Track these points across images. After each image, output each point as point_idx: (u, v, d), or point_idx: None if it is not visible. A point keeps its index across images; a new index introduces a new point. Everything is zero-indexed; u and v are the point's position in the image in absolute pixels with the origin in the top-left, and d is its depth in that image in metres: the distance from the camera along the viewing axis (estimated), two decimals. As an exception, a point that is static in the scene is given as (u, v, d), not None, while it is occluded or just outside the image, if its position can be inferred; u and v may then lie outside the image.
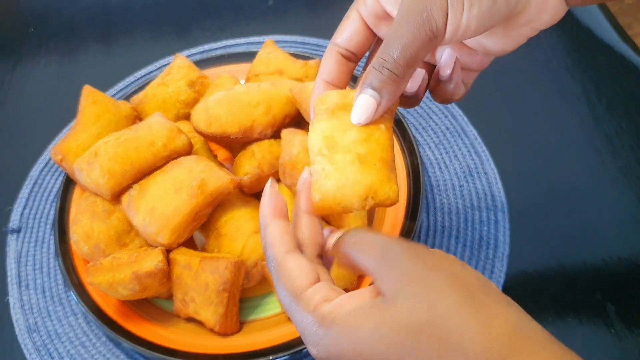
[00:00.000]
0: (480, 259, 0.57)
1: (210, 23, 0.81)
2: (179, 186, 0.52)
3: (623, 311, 0.53)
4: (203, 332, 0.52)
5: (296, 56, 0.65)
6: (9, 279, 0.59)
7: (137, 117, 0.62)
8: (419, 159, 0.57)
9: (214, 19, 0.81)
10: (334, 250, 0.34)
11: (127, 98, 0.65)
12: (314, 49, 0.76)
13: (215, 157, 0.61)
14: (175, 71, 0.64)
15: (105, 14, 0.85)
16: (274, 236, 0.34)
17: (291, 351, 0.48)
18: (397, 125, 0.60)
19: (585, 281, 0.55)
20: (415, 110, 0.69)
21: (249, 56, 0.68)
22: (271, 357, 0.48)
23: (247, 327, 0.53)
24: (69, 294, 0.58)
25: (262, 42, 0.71)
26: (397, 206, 0.56)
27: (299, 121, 0.59)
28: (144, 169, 0.54)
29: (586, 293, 0.54)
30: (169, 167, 0.54)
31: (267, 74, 0.63)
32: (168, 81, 0.63)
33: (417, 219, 0.54)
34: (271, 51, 0.64)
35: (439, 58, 0.39)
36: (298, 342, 0.49)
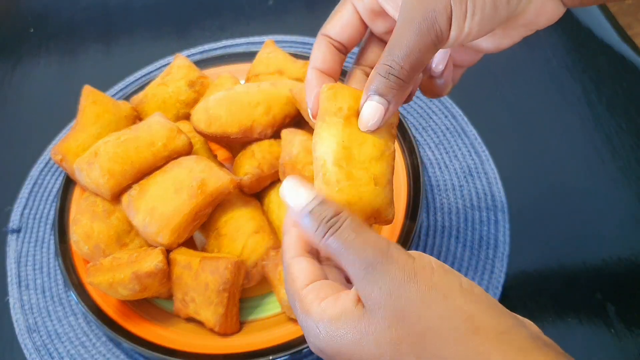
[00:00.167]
0: (480, 259, 0.57)
1: (210, 23, 0.81)
2: (179, 186, 0.52)
3: (623, 311, 0.53)
4: (203, 332, 0.52)
5: (296, 56, 0.65)
6: (9, 279, 0.59)
7: (137, 117, 0.62)
8: (419, 159, 0.57)
9: (214, 19, 0.81)
10: (315, 236, 0.32)
11: (127, 98, 0.65)
12: (314, 49, 0.76)
13: (215, 157, 0.61)
14: (175, 71, 0.64)
15: (105, 14, 0.85)
16: (289, 242, 0.35)
17: (291, 351, 0.48)
18: (397, 125, 0.60)
19: (585, 281, 0.55)
20: (415, 110, 0.69)
21: (249, 56, 0.68)
22: (271, 357, 0.48)
23: (247, 327, 0.53)
24: (69, 294, 0.58)
25: (262, 42, 0.71)
26: (397, 206, 0.56)
27: (299, 121, 0.59)
28: (144, 169, 0.54)
29: (586, 293, 0.54)
30: (169, 167, 0.54)
31: (267, 74, 0.63)
32: (168, 81, 0.63)
33: (417, 219, 0.54)
34: (271, 51, 0.64)
35: None
36: (298, 342, 0.49)
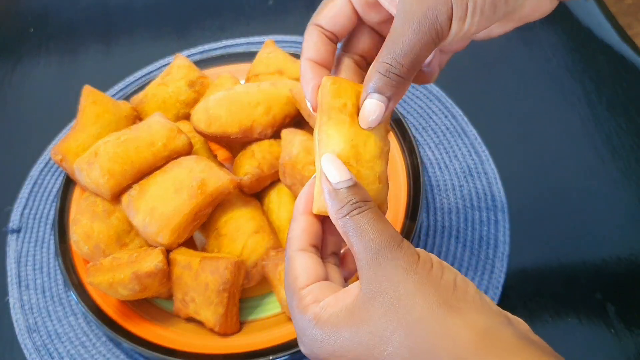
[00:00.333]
0: (480, 259, 0.57)
1: (210, 23, 0.81)
2: (179, 186, 0.52)
3: (623, 311, 0.53)
4: (203, 332, 0.52)
5: (296, 56, 0.65)
6: (9, 279, 0.59)
7: (137, 117, 0.62)
8: (419, 159, 0.57)
9: (214, 19, 0.81)
10: (338, 212, 0.32)
11: (127, 98, 0.65)
12: (314, 49, 0.76)
13: (215, 157, 0.61)
14: (175, 71, 0.64)
15: (105, 14, 0.85)
16: (294, 233, 0.35)
17: (291, 351, 0.48)
18: (397, 125, 0.60)
19: (585, 281, 0.55)
20: (415, 110, 0.69)
21: (249, 56, 0.68)
22: (271, 357, 0.48)
23: (247, 327, 0.53)
24: (69, 294, 0.58)
25: (262, 42, 0.71)
26: (397, 206, 0.56)
27: (299, 121, 0.59)
28: (144, 169, 0.54)
29: (586, 293, 0.54)
30: (169, 167, 0.54)
31: (267, 74, 0.63)
32: (168, 81, 0.63)
33: (417, 219, 0.54)
34: (271, 51, 0.64)
35: None
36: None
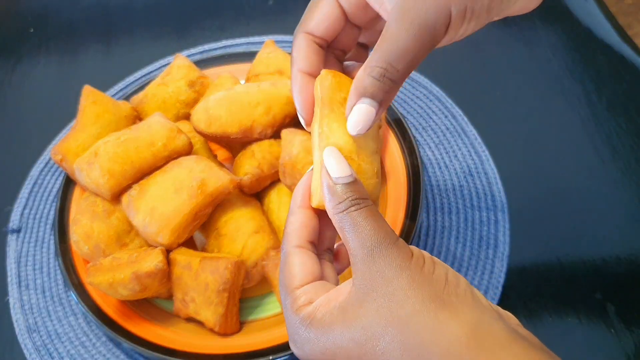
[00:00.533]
0: (480, 259, 0.57)
1: (210, 23, 0.81)
2: (179, 186, 0.52)
3: (623, 311, 0.53)
4: (203, 332, 0.52)
5: (296, 56, 0.65)
6: (9, 279, 0.59)
7: (137, 117, 0.62)
8: (419, 159, 0.57)
9: (214, 19, 0.81)
10: (335, 207, 0.32)
11: (127, 98, 0.65)
12: (314, 49, 0.76)
13: (215, 157, 0.61)
14: (175, 71, 0.64)
15: (105, 14, 0.85)
16: (292, 227, 0.35)
17: (291, 351, 0.48)
18: (397, 125, 0.60)
19: (585, 281, 0.55)
20: (415, 110, 0.69)
21: (249, 56, 0.68)
22: (271, 357, 0.48)
23: (247, 327, 0.53)
24: (69, 294, 0.58)
25: (262, 42, 0.71)
26: (397, 206, 0.56)
27: (299, 121, 0.58)
28: (144, 169, 0.54)
29: (586, 293, 0.54)
30: (169, 167, 0.54)
31: (267, 74, 0.63)
32: (168, 81, 0.63)
33: (417, 219, 0.54)
34: (271, 51, 0.64)
35: None
36: (298, 342, 0.49)
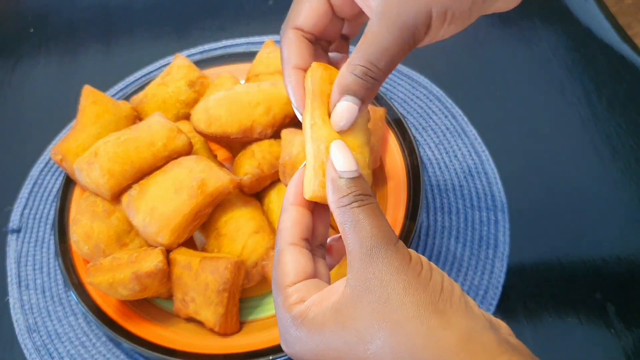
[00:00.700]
0: (480, 259, 0.57)
1: (210, 23, 0.81)
2: (179, 186, 0.52)
3: (623, 311, 0.53)
4: (203, 332, 0.52)
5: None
6: (9, 279, 0.59)
7: (137, 117, 0.62)
8: (419, 159, 0.57)
9: (214, 19, 0.81)
10: (339, 201, 0.32)
11: (127, 98, 0.65)
12: (314, 49, 0.76)
13: (215, 157, 0.61)
14: (175, 71, 0.64)
15: (105, 14, 0.85)
16: (285, 225, 0.35)
17: (291, 351, 0.48)
18: (397, 125, 0.60)
19: (585, 281, 0.55)
20: (415, 110, 0.69)
21: (249, 56, 0.68)
22: (271, 357, 0.48)
23: (247, 327, 0.53)
24: (69, 294, 0.58)
25: (262, 42, 0.71)
26: (397, 206, 0.56)
27: (298, 121, 0.59)
28: (144, 169, 0.54)
29: (586, 293, 0.54)
30: (169, 167, 0.54)
31: (267, 74, 0.63)
32: (168, 81, 0.63)
33: (417, 219, 0.54)
34: (271, 51, 0.64)
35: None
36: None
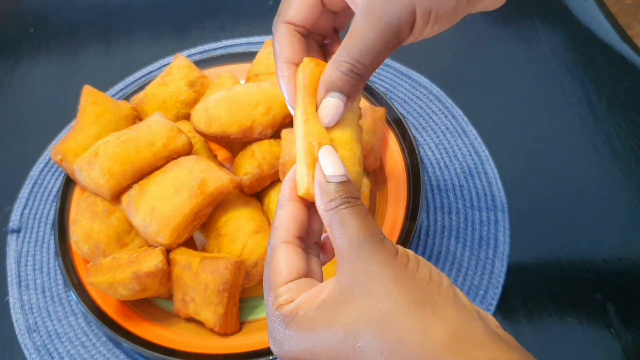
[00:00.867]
0: (480, 259, 0.57)
1: (210, 23, 0.81)
2: (179, 186, 0.52)
3: (623, 311, 0.53)
4: (203, 332, 0.52)
5: (296, 56, 0.65)
6: (9, 279, 0.59)
7: (137, 117, 0.62)
8: (419, 159, 0.57)
9: (214, 19, 0.81)
10: (326, 204, 0.32)
11: (127, 98, 0.65)
12: (314, 49, 0.76)
13: (215, 157, 0.61)
14: (175, 71, 0.64)
15: (105, 14, 0.85)
16: (280, 221, 0.35)
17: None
18: (397, 125, 0.60)
19: (585, 281, 0.55)
20: (415, 110, 0.69)
21: (249, 56, 0.68)
22: (271, 357, 0.48)
23: (247, 327, 0.53)
24: (69, 294, 0.58)
25: (262, 42, 0.71)
26: (397, 206, 0.56)
27: (299, 121, 0.59)
28: (144, 169, 0.54)
29: (586, 293, 0.54)
30: (169, 167, 0.54)
31: (267, 74, 0.63)
32: (168, 81, 0.63)
33: (417, 219, 0.54)
34: (271, 51, 0.64)
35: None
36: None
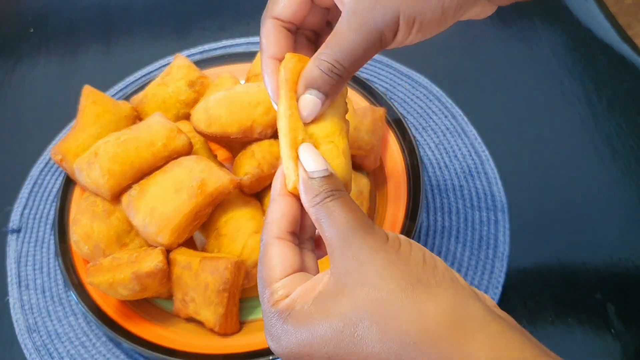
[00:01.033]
0: (480, 259, 0.57)
1: (210, 23, 0.81)
2: (179, 186, 0.52)
3: (623, 311, 0.53)
4: (203, 332, 0.52)
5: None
6: (9, 279, 0.59)
7: (137, 117, 0.62)
8: (419, 159, 0.57)
9: (214, 19, 0.81)
10: (312, 200, 0.32)
11: (127, 98, 0.65)
12: (314, 49, 0.76)
13: (215, 157, 0.61)
14: (175, 71, 0.64)
15: (105, 14, 0.85)
16: (272, 217, 0.35)
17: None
18: (397, 125, 0.60)
19: (585, 281, 0.55)
20: (415, 110, 0.69)
21: (249, 56, 0.68)
22: (271, 357, 0.48)
23: (247, 327, 0.53)
24: (69, 294, 0.58)
25: (262, 42, 0.70)
26: (397, 206, 0.56)
27: (299, 121, 0.59)
28: (144, 169, 0.54)
29: (586, 293, 0.54)
30: (169, 167, 0.54)
31: (267, 74, 0.63)
32: (168, 81, 0.63)
33: (417, 219, 0.54)
34: (271, 51, 0.64)
35: None
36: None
